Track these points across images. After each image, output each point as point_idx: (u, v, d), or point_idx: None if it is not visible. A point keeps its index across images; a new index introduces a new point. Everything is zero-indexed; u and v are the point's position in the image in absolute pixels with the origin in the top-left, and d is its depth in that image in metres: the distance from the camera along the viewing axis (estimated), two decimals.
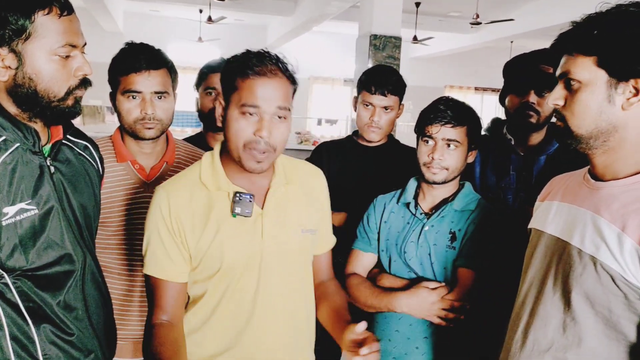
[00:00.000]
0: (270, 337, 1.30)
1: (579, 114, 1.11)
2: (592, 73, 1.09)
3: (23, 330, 1.14)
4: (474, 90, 13.69)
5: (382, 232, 1.71)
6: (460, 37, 11.10)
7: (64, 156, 1.26)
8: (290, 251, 1.31)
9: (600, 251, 1.07)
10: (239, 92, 1.22)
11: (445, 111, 1.58)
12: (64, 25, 1.12)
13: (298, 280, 1.35)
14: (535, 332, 1.18)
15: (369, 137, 2.06)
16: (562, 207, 1.22)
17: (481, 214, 1.62)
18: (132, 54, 1.61)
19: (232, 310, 1.28)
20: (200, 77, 2.24)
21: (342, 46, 11.47)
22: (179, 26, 11.29)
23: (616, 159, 1.12)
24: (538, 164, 1.81)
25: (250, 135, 1.21)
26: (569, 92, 1.13)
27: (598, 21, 1.09)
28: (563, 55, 1.15)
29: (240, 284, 1.27)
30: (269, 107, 1.20)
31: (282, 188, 1.33)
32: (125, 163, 1.64)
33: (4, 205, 1.09)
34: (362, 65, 5.76)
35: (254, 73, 1.21)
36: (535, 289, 1.21)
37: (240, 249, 1.26)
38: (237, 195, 1.25)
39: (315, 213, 1.38)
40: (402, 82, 2.06)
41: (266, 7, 9.43)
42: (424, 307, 1.55)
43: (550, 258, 1.19)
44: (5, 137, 1.13)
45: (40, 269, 1.15)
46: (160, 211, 1.26)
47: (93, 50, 2.12)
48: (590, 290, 1.08)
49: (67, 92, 1.16)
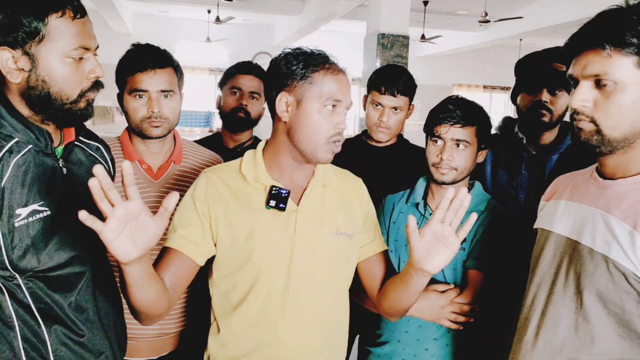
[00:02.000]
0: (299, 341, 1.29)
1: (615, 116, 1.06)
2: (632, 74, 1.03)
3: (34, 331, 1.15)
4: (482, 89, 13.61)
5: (391, 233, 1.70)
6: (468, 35, 11.04)
7: (76, 157, 1.27)
8: (322, 251, 1.31)
9: (612, 249, 1.06)
10: (318, 87, 1.25)
11: (455, 111, 1.56)
12: (77, 28, 1.13)
13: (330, 283, 1.33)
14: (546, 332, 1.17)
15: (377, 138, 2.05)
16: (570, 206, 1.20)
17: (491, 215, 1.60)
18: (137, 54, 1.63)
19: (259, 309, 1.27)
20: (227, 76, 2.26)
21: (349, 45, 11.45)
22: (188, 27, 11.32)
23: (629, 159, 1.11)
24: (550, 162, 1.80)
25: (331, 128, 1.26)
26: (598, 93, 1.07)
27: (631, 18, 1.02)
28: (585, 51, 1.07)
29: (268, 281, 1.26)
30: (346, 102, 1.29)
31: (320, 189, 1.35)
32: (133, 163, 1.65)
33: (16, 207, 1.10)
34: (370, 64, 5.74)
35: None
36: (545, 289, 1.20)
37: (272, 241, 1.27)
38: (274, 189, 1.28)
39: (353, 219, 1.38)
40: (412, 83, 2.05)
41: (274, 6, 9.43)
42: (434, 311, 1.53)
43: (560, 258, 1.18)
44: (18, 139, 1.13)
45: (51, 270, 1.15)
46: (201, 192, 1.29)
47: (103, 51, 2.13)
48: (602, 289, 1.07)
49: (80, 95, 1.16)
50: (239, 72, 2.23)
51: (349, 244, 1.36)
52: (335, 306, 1.35)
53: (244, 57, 3.43)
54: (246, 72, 2.22)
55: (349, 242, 1.36)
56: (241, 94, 2.21)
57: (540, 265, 1.23)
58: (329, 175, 1.39)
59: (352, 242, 1.37)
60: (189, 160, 1.74)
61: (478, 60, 13.03)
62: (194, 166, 1.74)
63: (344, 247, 1.35)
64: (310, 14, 8.84)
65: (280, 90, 1.28)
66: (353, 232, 1.37)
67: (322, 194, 1.35)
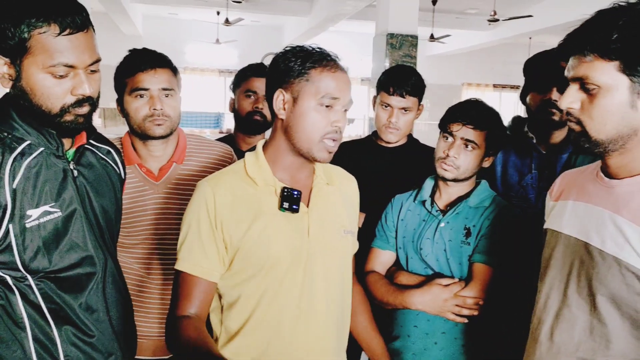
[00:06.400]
0: (318, 342, 1.28)
1: (599, 119, 1.07)
2: (614, 78, 1.04)
3: (45, 332, 1.16)
4: (492, 88, 13.55)
5: (399, 230, 1.73)
6: (477, 34, 11.00)
7: (87, 160, 1.28)
8: (335, 251, 1.31)
9: (624, 252, 1.05)
10: (314, 84, 1.23)
11: (470, 111, 1.59)
12: (61, 45, 1.09)
13: (340, 282, 1.34)
14: (561, 334, 1.16)
15: (386, 138, 2.05)
16: (578, 207, 1.19)
17: (496, 210, 1.62)
18: (136, 57, 1.64)
19: (275, 314, 1.24)
20: (240, 79, 2.25)
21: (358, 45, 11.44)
22: (197, 28, 11.37)
23: (632, 159, 1.09)
24: (560, 161, 1.79)
25: (327, 125, 1.24)
26: (586, 95, 1.08)
27: (615, 22, 1.02)
28: (573, 56, 1.09)
29: (285, 285, 1.24)
30: (344, 99, 1.26)
31: (325, 188, 1.34)
32: (133, 166, 1.65)
33: (28, 208, 1.11)
34: (379, 64, 5.73)
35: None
36: (558, 290, 1.19)
37: (287, 244, 1.25)
38: (285, 191, 1.26)
39: (353, 216, 1.39)
40: (421, 83, 2.04)
41: (282, 8, 9.46)
42: (437, 304, 1.56)
43: (571, 260, 1.17)
44: (30, 141, 1.15)
45: (62, 270, 1.16)
46: (205, 205, 1.23)
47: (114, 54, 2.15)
48: (615, 291, 1.06)
49: (62, 110, 1.14)
50: (254, 75, 2.21)
51: (353, 242, 1.37)
52: (345, 305, 1.36)
53: (253, 58, 3.43)
54: (260, 75, 2.19)
55: (353, 240, 1.37)
56: (256, 97, 2.20)
57: (551, 267, 1.22)
58: (329, 172, 1.38)
59: (354, 240, 1.38)
60: (193, 159, 1.72)
61: (487, 59, 12.98)
62: (199, 165, 1.72)
63: (350, 246, 1.35)
64: (319, 15, 8.85)
65: (277, 88, 1.26)
66: (355, 230, 1.38)
67: (327, 193, 1.34)
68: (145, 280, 1.68)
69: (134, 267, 1.67)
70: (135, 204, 1.64)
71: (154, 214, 1.65)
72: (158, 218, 1.65)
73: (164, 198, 1.65)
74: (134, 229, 1.64)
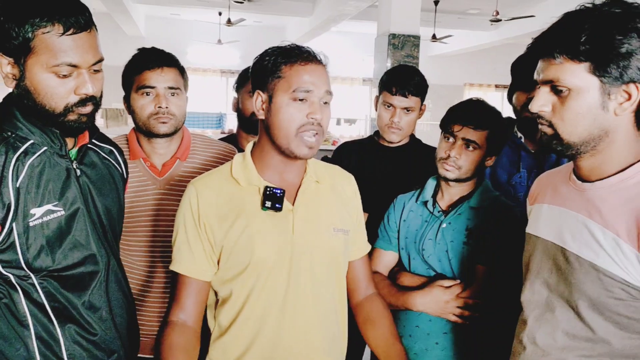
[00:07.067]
0: (302, 342, 1.28)
1: (571, 121, 1.06)
2: (584, 80, 1.03)
3: (48, 330, 1.17)
4: (494, 88, 13.53)
5: (401, 231, 1.72)
6: (479, 35, 10.98)
7: (89, 160, 1.29)
8: (322, 249, 1.31)
9: (600, 257, 1.05)
10: (286, 80, 1.23)
11: (470, 112, 1.59)
12: (65, 44, 1.10)
13: (330, 281, 1.33)
14: (544, 338, 1.15)
15: (389, 138, 2.05)
16: (552, 210, 1.19)
17: (498, 211, 1.62)
18: (144, 55, 1.66)
19: (260, 312, 1.26)
20: (244, 79, 2.25)
21: (360, 46, 11.44)
22: (199, 29, 11.37)
23: (603, 161, 1.09)
24: (549, 160, 1.79)
25: (302, 118, 1.23)
26: (557, 98, 1.07)
27: (583, 24, 1.02)
28: (542, 58, 1.08)
29: (269, 282, 1.26)
30: (318, 91, 1.24)
31: (313, 186, 1.34)
32: (138, 160, 1.67)
33: (31, 207, 1.12)
34: (381, 65, 5.73)
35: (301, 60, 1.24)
36: (539, 295, 1.18)
37: (271, 243, 1.26)
38: (268, 189, 1.26)
39: (347, 215, 1.38)
40: (423, 83, 2.04)
41: (284, 8, 9.46)
42: (439, 306, 1.56)
43: (549, 264, 1.16)
44: (34, 140, 1.15)
45: (65, 269, 1.17)
46: (189, 205, 1.28)
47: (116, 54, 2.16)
48: (595, 297, 1.06)
49: (66, 109, 1.14)
50: None
51: (346, 240, 1.36)
52: (337, 304, 1.35)
53: None
54: None
55: (346, 238, 1.36)
56: None
57: (531, 271, 1.22)
58: (321, 171, 1.37)
59: (349, 239, 1.37)
60: (197, 157, 1.74)
61: (490, 59, 12.95)
62: (202, 162, 1.74)
63: (342, 244, 1.34)
64: (321, 15, 8.85)
65: (256, 89, 1.27)
66: (349, 229, 1.37)
67: (316, 191, 1.34)
68: (147, 279, 1.68)
69: (137, 266, 1.68)
70: (138, 198, 1.65)
71: (155, 209, 1.66)
72: (159, 214, 1.66)
73: (165, 194, 1.67)
74: (135, 225, 1.65)
